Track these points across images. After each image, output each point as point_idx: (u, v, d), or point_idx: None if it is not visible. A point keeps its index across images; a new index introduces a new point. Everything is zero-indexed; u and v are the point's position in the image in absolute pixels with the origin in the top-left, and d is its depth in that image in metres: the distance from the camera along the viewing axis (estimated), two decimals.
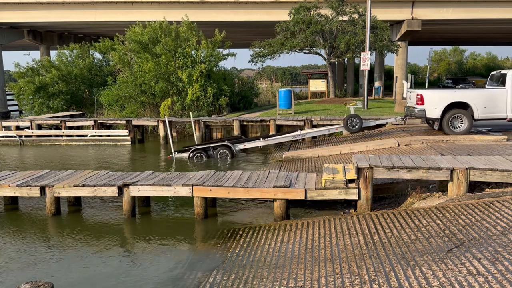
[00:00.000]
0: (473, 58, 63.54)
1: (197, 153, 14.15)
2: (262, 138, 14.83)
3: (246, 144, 14.58)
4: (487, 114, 12.62)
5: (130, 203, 8.43)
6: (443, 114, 12.55)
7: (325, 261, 5.39)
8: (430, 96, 12.92)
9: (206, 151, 14.20)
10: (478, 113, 12.53)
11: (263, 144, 14.63)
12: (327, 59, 25.11)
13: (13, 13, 27.07)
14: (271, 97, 29.47)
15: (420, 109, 12.82)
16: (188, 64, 21.33)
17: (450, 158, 8.14)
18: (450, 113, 12.53)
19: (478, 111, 12.51)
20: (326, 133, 15.54)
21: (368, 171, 7.51)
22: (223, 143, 14.26)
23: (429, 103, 12.71)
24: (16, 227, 8.25)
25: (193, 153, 14.16)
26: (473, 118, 12.58)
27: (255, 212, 8.78)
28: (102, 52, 26.62)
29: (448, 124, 12.58)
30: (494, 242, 4.89)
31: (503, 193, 6.95)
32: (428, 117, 12.93)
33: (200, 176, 8.79)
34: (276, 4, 26.40)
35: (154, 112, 22.36)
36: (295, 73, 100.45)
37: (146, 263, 6.40)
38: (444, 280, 4.15)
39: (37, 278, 5.80)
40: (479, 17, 26.67)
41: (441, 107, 12.52)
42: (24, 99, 25.34)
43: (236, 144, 14.41)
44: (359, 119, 14.65)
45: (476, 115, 12.55)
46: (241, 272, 5.63)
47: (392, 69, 36.92)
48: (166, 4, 26.21)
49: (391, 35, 28.61)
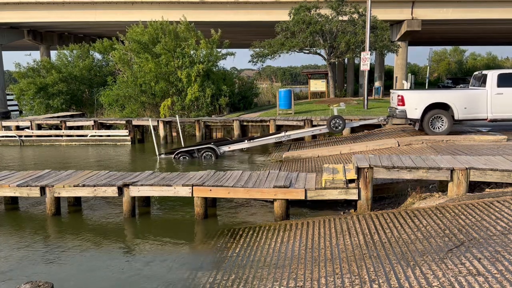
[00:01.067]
0: (473, 58, 63.52)
1: (181, 155, 14.42)
2: (246, 140, 15.03)
3: (230, 146, 14.81)
4: (468, 114, 12.70)
5: (130, 203, 8.43)
6: (423, 115, 12.69)
7: (325, 261, 5.39)
8: (410, 97, 13.04)
9: (191, 153, 14.46)
10: (458, 114, 12.63)
11: (247, 146, 14.82)
12: (327, 59, 25.11)
13: (13, 13, 27.07)
14: (271, 97, 29.48)
15: (401, 110, 12.97)
16: (186, 64, 21.34)
17: (450, 158, 8.14)
18: (430, 114, 12.65)
19: (458, 112, 12.60)
20: (309, 134, 15.76)
21: (368, 171, 7.51)
22: (208, 146, 14.50)
23: (409, 104, 12.86)
24: (16, 227, 8.25)
25: (178, 156, 14.42)
26: (453, 118, 12.70)
27: (255, 212, 8.78)
28: (101, 52, 26.65)
29: (428, 124, 12.71)
30: (494, 242, 4.89)
31: (503, 193, 6.95)
32: (409, 117, 13.05)
33: (200, 176, 8.79)
34: (276, 4, 26.39)
35: (154, 112, 22.36)
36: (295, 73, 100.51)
37: (146, 263, 6.40)
38: (444, 280, 4.15)
39: (37, 278, 5.80)
40: (479, 17, 26.66)
41: (421, 108, 12.65)
42: (24, 100, 25.38)
43: (220, 146, 14.65)
44: (341, 120, 14.88)
45: (456, 115, 12.65)
46: (241, 272, 5.63)
47: (392, 69, 36.91)
48: (166, 4, 26.21)
49: (391, 35, 28.61)
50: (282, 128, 17.55)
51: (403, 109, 12.89)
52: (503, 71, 12.83)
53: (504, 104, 12.46)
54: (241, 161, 14.61)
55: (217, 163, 13.87)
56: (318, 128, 15.49)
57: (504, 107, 12.49)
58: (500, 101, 12.46)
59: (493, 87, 12.49)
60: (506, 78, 12.54)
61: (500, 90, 12.45)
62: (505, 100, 12.44)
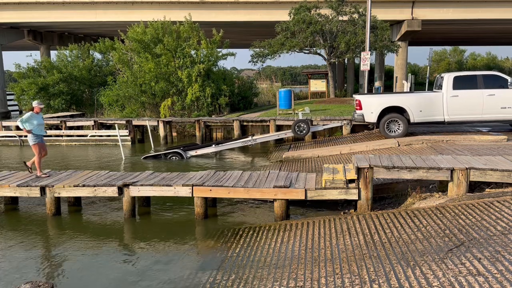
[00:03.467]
0: (473, 58, 63.47)
1: (149, 160, 14.75)
2: (213, 144, 15.39)
3: (198, 150, 15.10)
4: (423, 117, 12.99)
5: (130, 203, 8.43)
6: (379, 118, 13.09)
7: (325, 261, 5.39)
8: (367, 101, 13.43)
9: (158, 158, 14.77)
10: (414, 117, 12.96)
11: (214, 150, 15.10)
12: (327, 59, 25.11)
13: (13, 13, 27.06)
14: (271, 97, 29.49)
15: (359, 114, 13.44)
16: (187, 64, 21.34)
17: (450, 158, 8.14)
18: (386, 117, 13.05)
19: (413, 115, 12.93)
20: (275, 138, 16.06)
21: (368, 171, 7.51)
22: (174, 150, 14.85)
23: (366, 108, 13.28)
24: (16, 227, 8.25)
25: (146, 159, 14.72)
26: (409, 122, 13.00)
27: (255, 212, 8.78)
28: (102, 52, 26.64)
29: (384, 127, 13.10)
30: (494, 242, 4.89)
31: (503, 193, 6.95)
32: (367, 121, 13.49)
33: (200, 176, 8.79)
34: (276, 4, 26.39)
35: (154, 112, 22.36)
36: (295, 73, 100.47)
37: (146, 263, 6.40)
38: (444, 280, 4.15)
39: (37, 278, 5.81)
40: (479, 17, 26.65)
41: (377, 112, 13.05)
42: (24, 99, 25.38)
43: (188, 151, 14.94)
44: (306, 124, 15.35)
45: (411, 119, 12.99)
46: (241, 272, 5.63)
47: (392, 69, 36.89)
48: (166, 4, 26.20)
49: (391, 35, 28.59)
50: (282, 128, 17.57)
51: (361, 113, 13.37)
52: (458, 73, 13.15)
53: (459, 106, 12.74)
54: (241, 161, 14.62)
55: (218, 163, 13.87)
56: (284, 132, 16.09)
57: (459, 109, 12.78)
58: (455, 103, 12.74)
59: (449, 90, 12.78)
60: (461, 80, 12.83)
61: (455, 93, 12.73)
62: (460, 102, 12.71)
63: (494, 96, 12.53)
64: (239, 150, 16.27)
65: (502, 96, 12.53)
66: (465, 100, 12.64)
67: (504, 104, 12.54)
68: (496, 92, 12.55)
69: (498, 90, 12.57)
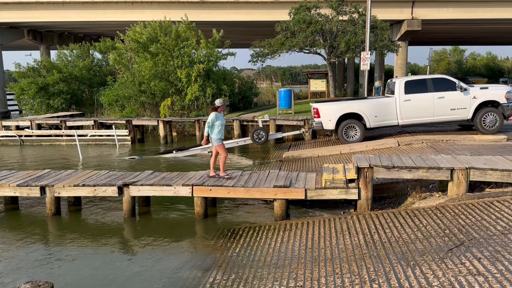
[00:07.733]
0: (473, 58, 63.46)
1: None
2: (174, 150, 15.75)
3: (161, 156, 15.51)
4: (379, 122, 13.28)
5: (130, 203, 8.43)
6: (337, 125, 13.29)
7: (325, 261, 5.39)
8: (324, 109, 13.60)
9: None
10: (370, 123, 13.23)
11: (174, 156, 15.36)
12: (327, 59, 25.09)
13: (13, 13, 27.05)
14: (271, 97, 29.49)
15: (317, 122, 13.62)
16: (186, 63, 21.32)
17: (450, 158, 8.14)
18: (343, 124, 13.26)
19: (369, 121, 13.21)
20: (235, 145, 16.18)
21: (368, 170, 7.51)
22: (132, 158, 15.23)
23: (324, 116, 13.49)
24: (16, 227, 8.25)
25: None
26: (365, 127, 13.23)
27: (255, 212, 8.78)
28: (102, 52, 26.64)
29: (342, 134, 13.31)
30: (494, 242, 4.89)
31: (503, 193, 6.95)
32: (325, 128, 13.66)
33: (200, 176, 8.78)
34: (276, 4, 26.38)
35: (154, 112, 22.36)
36: (295, 73, 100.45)
37: (146, 263, 6.40)
38: (444, 280, 4.15)
39: (37, 278, 5.80)
40: (479, 17, 26.65)
41: (334, 119, 13.27)
42: (24, 99, 25.37)
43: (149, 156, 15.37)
44: (265, 132, 15.58)
45: (368, 124, 13.24)
46: (241, 272, 5.63)
47: (392, 69, 36.87)
48: (166, 4, 26.19)
49: (391, 35, 28.58)
50: (282, 128, 17.57)
51: (319, 121, 13.55)
52: (409, 78, 13.51)
53: (412, 109, 13.01)
54: (241, 161, 14.62)
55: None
56: (243, 139, 16.29)
57: (412, 113, 13.05)
58: (408, 107, 13.00)
59: (401, 94, 13.02)
60: (412, 85, 13.10)
61: (407, 97, 12.98)
62: (413, 106, 12.98)
63: (444, 98, 12.88)
64: (238, 150, 16.28)
65: (451, 98, 12.89)
66: (417, 104, 12.95)
67: (453, 106, 12.92)
68: (445, 94, 12.90)
69: (447, 93, 12.91)
